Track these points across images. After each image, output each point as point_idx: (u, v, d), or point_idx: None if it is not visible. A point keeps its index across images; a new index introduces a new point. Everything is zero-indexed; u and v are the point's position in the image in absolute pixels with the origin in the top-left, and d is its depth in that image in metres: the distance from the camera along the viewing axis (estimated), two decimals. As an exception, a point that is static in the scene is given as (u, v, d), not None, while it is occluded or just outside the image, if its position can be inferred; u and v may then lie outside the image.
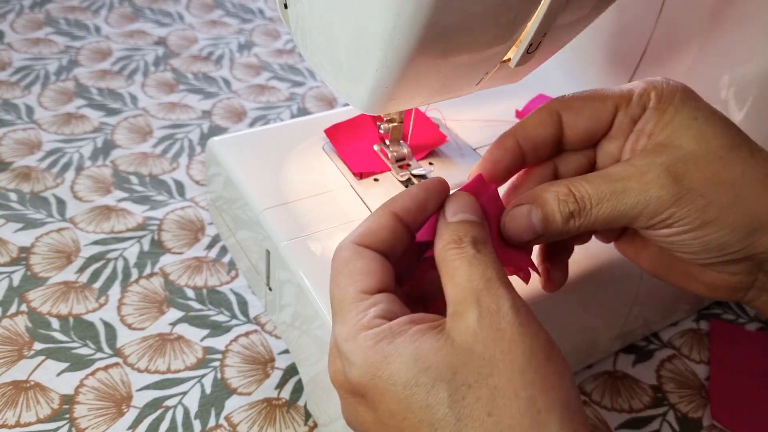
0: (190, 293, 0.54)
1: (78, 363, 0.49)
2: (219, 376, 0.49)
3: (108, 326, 0.51)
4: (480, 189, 0.32)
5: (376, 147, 0.47)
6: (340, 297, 0.29)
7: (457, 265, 0.29)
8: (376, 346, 0.27)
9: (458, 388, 0.26)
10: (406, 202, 0.31)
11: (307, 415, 0.47)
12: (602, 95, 0.34)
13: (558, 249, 0.36)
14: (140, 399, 0.47)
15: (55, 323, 0.51)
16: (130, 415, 0.46)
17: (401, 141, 0.47)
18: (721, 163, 0.31)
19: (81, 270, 0.55)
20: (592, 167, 0.35)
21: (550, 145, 0.34)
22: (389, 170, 0.47)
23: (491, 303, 0.27)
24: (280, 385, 0.49)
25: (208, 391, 0.48)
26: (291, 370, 0.50)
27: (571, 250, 0.37)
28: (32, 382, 0.47)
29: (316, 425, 0.46)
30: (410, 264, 0.33)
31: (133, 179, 0.65)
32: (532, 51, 0.33)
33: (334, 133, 0.48)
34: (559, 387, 0.26)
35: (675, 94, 0.33)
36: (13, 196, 0.62)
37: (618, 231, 0.38)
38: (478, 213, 0.31)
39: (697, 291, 0.35)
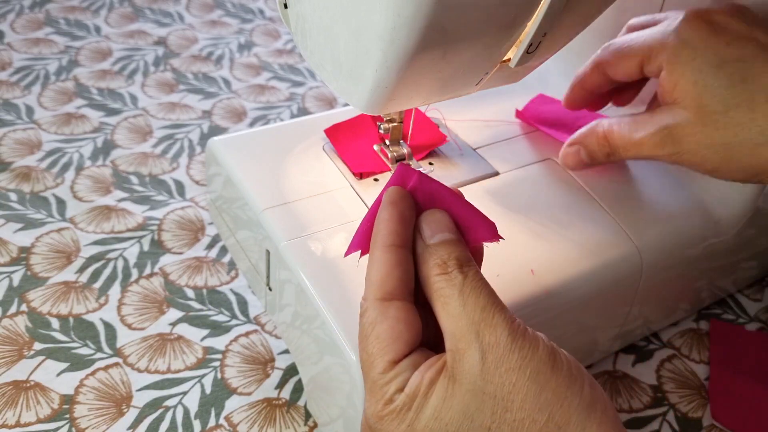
0: (190, 293, 0.54)
1: (78, 363, 0.49)
2: (219, 376, 0.49)
3: (108, 326, 0.51)
4: (406, 176, 0.32)
5: (376, 147, 0.47)
6: (369, 367, 0.30)
7: (448, 294, 0.29)
8: (399, 417, 0.28)
9: None
10: (392, 226, 0.31)
11: (307, 415, 0.47)
12: (631, 51, 0.41)
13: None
14: (140, 399, 0.47)
15: (55, 323, 0.51)
16: (130, 415, 0.46)
17: (401, 141, 0.47)
18: (714, 126, 0.36)
19: (81, 270, 0.55)
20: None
21: (604, 86, 0.45)
22: (389, 170, 0.47)
23: (491, 336, 0.27)
24: (280, 385, 0.49)
25: (208, 391, 0.48)
26: (291, 370, 0.50)
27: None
28: (32, 382, 0.47)
29: (316, 425, 0.46)
30: None
31: (133, 179, 0.65)
32: (532, 51, 0.33)
33: (334, 133, 0.48)
34: (571, 393, 0.27)
35: (682, 52, 0.37)
36: (13, 196, 0.62)
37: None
38: (453, 229, 0.31)
39: None
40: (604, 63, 0.42)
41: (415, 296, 0.31)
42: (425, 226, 0.31)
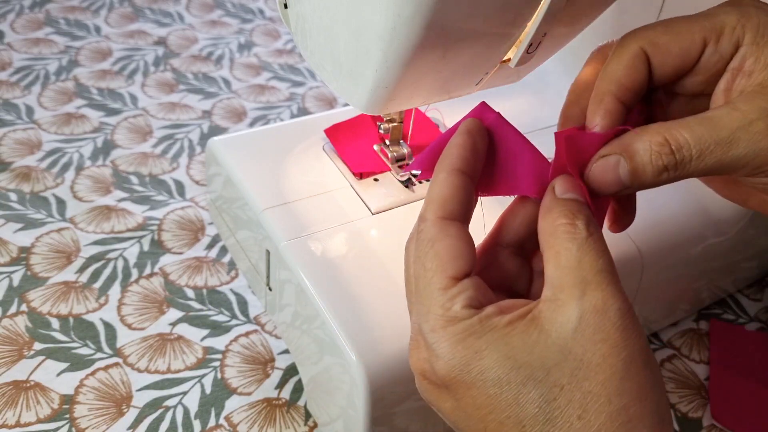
0: (190, 293, 0.54)
1: (78, 363, 0.49)
2: (219, 376, 0.49)
3: (108, 326, 0.51)
4: (483, 115, 0.31)
5: (376, 147, 0.47)
6: (426, 282, 0.28)
7: (567, 246, 0.27)
8: (465, 341, 0.27)
9: (551, 388, 0.26)
10: (463, 153, 0.29)
11: (307, 415, 0.47)
12: (689, 27, 0.30)
13: None
14: (140, 399, 0.47)
15: (55, 323, 0.51)
16: (130, 415, 0.46)
17: (401, 141, 0.47)
18: None
19: (81, 270, 0.55)
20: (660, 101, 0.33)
21: (644, 88, 0.31)
22: (389, 170, 0.47)
23: (598, 300, 0.26)
24: (280, 385, 0.49)
25: (208, 391, 0.48)
26: (291, 370, 0.50)
27: None
28: (32, 382, 0.47)
29: (316, 425, 0.46)
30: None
31: (133, 179, 0.65)
32: (532, 51, 0.33)
33: (334, 133, 0.48)
34: (652, 396, 0.26)
35: None
36: (13, 196, 0.62)
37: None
38: (587, 196, 0.29)
39: None
40: (649, 45, 0.30)
41: (514, 247, 0.31)
42: (559, 182, 0.29)
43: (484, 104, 0.31)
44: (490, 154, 0.31)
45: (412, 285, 0.29)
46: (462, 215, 0.29)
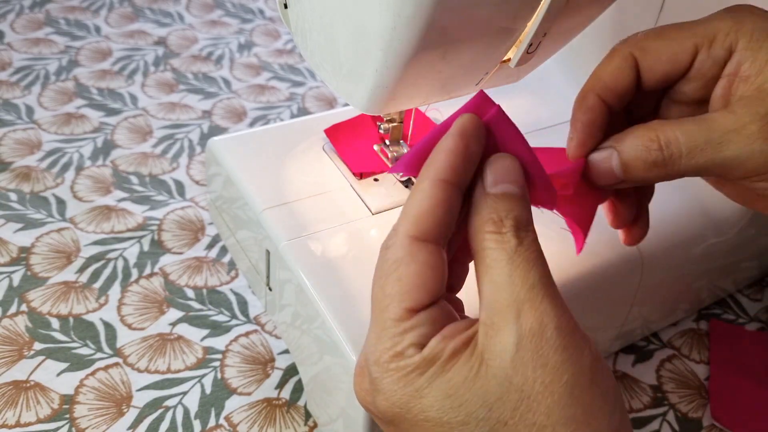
0: (190, 293, 0.54)
1: (78, 363, 0.49)
2: (219, 376, 0.49)
3: (108, 326, 0.51)
4: (483, 107, 0.28)
5: (376, 147, 0.47)
6: (381, 308, 0.26)
7: (497, 258, 0.25)
8: (407, 377, 0.25)
9: (493, 426, 0.24)
10: (453, 160, 0.27)
11: (307, 415, 0.47)
12: (680, 33, 0.31)
13: (637, 195, 0.34)
14: (140, 399, 0.47)
15: (55, 323, 0.51)
16: (130, 415, 0.46)
17: (401, 141, 0.47)
18: None
19: (81, 270, 0.55)
20: (657, 107, 0.33)
21: (630, 92, 0.31)
22: (389, 170, 0.47)
23: (534, 321, 0.24)
24: (280, 385, 0.49)
25: (208, 391, 0.48)
26: (291, 370, 0.50)
27: (651, 193, 0.35)
28: (32, 382, 0.47)
29: (316, 425, 0.46)
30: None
31: (133, 179, 0.65)
32: (532, 51, 0.33)
33: (334, 133, 0.48)
34: (602, 414, 0.25)
35: (766, 30, 0.29)
36: (13, 196, 0.62)
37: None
38: (521, 182, 0.27)
39: None
40: (638, 50, 0.31)
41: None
42: (490, 171, 0.27)
43: (483, 95, 0.28)
44: (486, 154, 0.28)
45: (371, 306, 0.28)
46: (437, 235, 0.27)
